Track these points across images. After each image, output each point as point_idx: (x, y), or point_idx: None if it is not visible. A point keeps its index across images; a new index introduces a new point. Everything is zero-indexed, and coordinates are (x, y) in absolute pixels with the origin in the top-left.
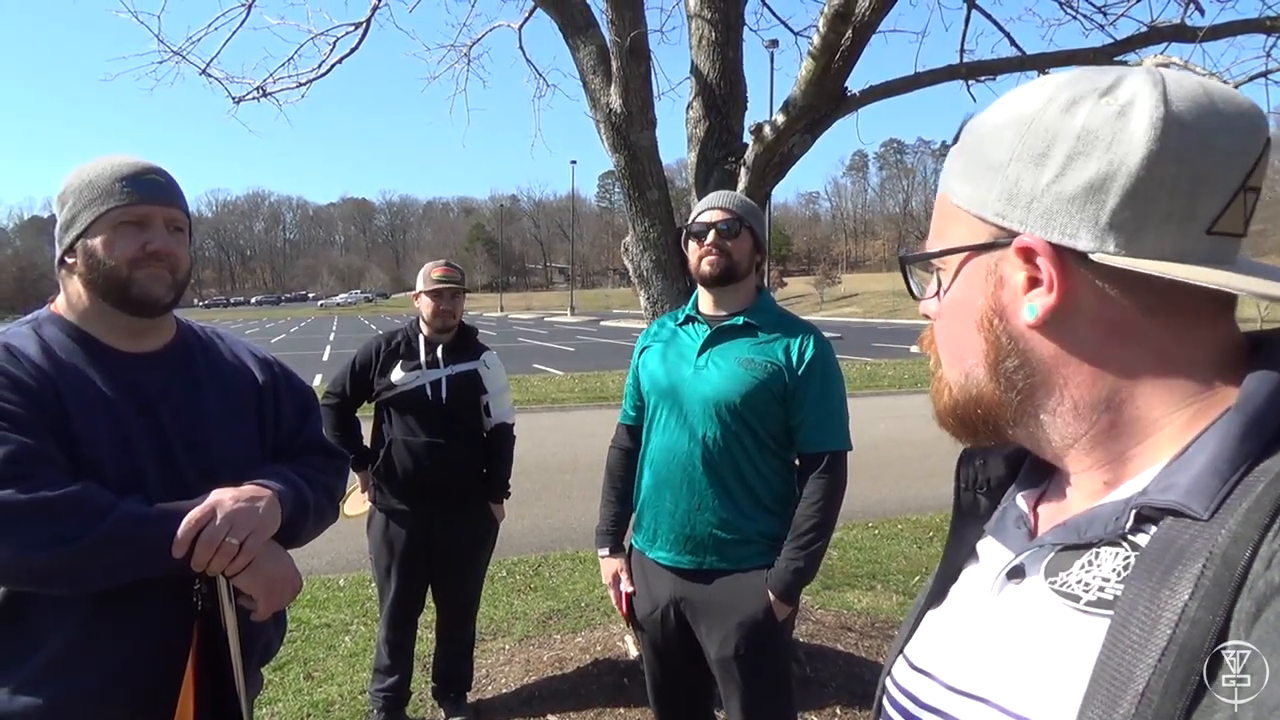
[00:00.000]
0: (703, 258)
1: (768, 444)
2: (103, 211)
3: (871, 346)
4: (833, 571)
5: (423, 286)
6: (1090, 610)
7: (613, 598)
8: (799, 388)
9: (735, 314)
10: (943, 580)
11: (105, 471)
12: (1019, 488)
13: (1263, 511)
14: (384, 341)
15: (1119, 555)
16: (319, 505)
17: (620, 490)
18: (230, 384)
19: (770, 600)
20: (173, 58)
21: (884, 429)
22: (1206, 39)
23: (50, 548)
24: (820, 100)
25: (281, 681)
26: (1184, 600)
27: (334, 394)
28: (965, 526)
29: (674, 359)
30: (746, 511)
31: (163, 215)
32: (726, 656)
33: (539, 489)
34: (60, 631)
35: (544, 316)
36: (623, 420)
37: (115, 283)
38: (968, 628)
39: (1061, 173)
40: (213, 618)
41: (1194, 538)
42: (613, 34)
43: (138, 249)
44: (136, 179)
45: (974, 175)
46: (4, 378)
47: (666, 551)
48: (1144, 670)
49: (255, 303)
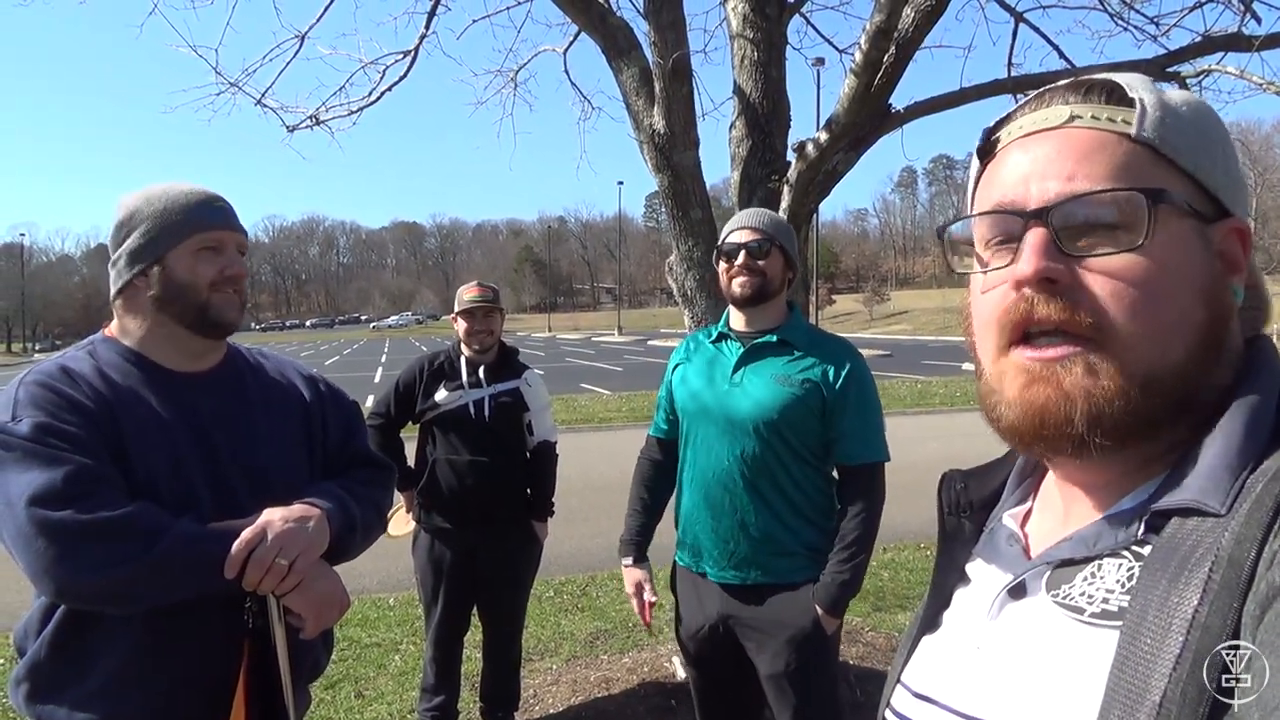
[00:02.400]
0: (733, 278)
1: (806, 458)
2: (185, 236)
3: (922, 364)
4: (884, 593)
5: (457, 308)
6: (1095, 622)
7: (634, 607)
8: (837, 402)
9: (768, 331)
10: (935, 606)
11: (160, 491)
12: (1004, 507)
13: (1264, 510)
14: (427, 362)
15: (1122, 566)
16: (366, 520)
17: (647, 501)
18: (279, 404)
19: (818, 614)
20: (229, 89)
21: (935, 448)
22: (1264, 48)
23: (108, 568)
24: (863, 117)
25: (333, 700)
26: (1194, 605)
27: (378, 415)
28: (952, 550)
29: (708, 377)
30: (789, 524)
31: (234, 240)
32: (778, 672)
33: (587, 508)
34: (117, 649)
35: (591, 336)
36: (653, 432)
37: (194, 305)
38: (969, 650)
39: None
40: (263, 636)
41: (1199, 541)
42: (655, 55)
43: (216, 273)
44: (209, 205)
45: (1192, 137)
46: (63, 399)
47: (712, 568)
48: (1159, 680)
49: (310, 325)
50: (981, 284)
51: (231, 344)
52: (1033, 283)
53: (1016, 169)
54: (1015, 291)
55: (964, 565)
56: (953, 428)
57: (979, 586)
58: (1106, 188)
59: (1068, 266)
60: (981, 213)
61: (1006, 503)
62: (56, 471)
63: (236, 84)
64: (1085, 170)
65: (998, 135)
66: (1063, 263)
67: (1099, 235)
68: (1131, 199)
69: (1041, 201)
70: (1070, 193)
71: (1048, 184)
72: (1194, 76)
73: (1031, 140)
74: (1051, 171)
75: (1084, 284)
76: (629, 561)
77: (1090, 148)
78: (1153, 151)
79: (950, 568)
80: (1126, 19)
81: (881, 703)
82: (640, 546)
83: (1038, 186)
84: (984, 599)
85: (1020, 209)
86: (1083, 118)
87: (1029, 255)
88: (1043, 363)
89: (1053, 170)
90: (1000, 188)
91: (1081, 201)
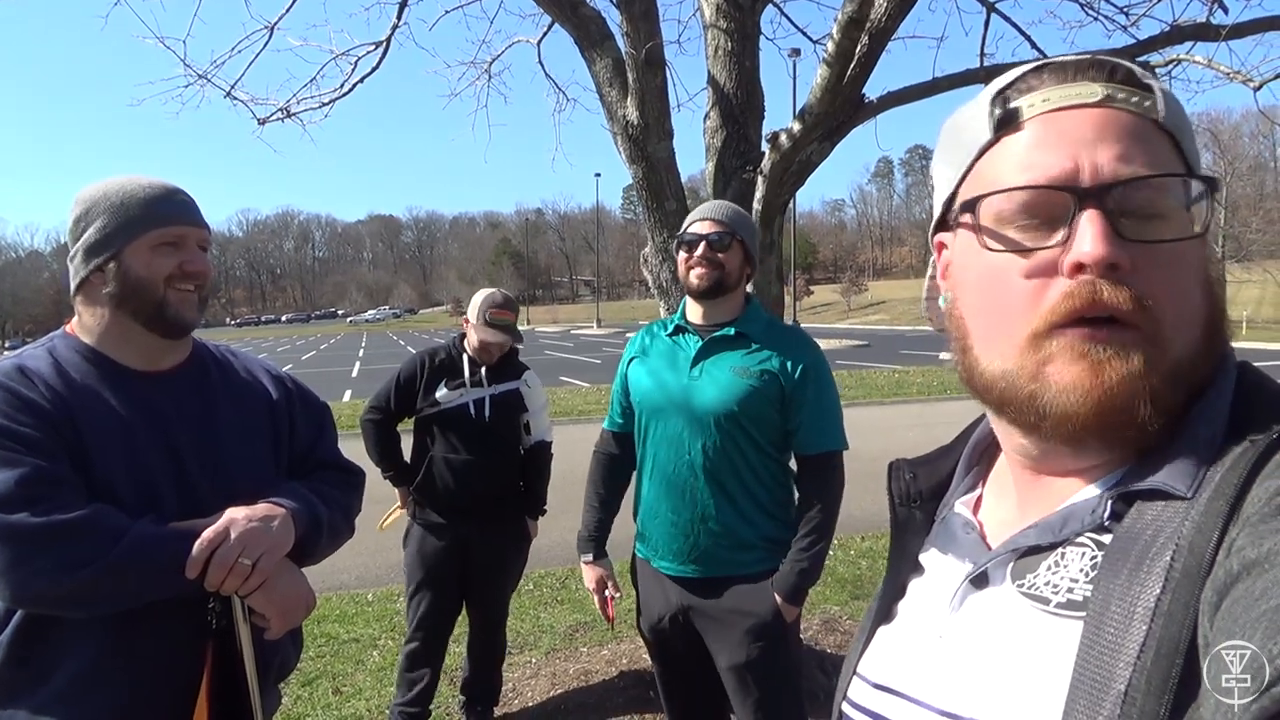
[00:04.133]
0: (691, 269)
1: (766, 450)
2: (141, 232)
3: (899, 354)
4: (861, 581)
5: (475, 319)
6: (1060, 613)
7: (596, 603)
8: (795, 392)
9: (726, 324)
10: (889, 597)
11: (120, 493)
12: (954, 495)
13: (1224, 499)
14: (427, 358)
15: (1085, 554)
16: (334, 523)
17: (604, 496)
18: (245, 402)
19: (777, 603)
20: (198, 81)
21: (913, 436)
22: (1231, 37)
23: (65, 572)
24: (837, 108)
25: (310, 696)
26: (1156, 594)
27: (378, 409)
28: (904, 540)
29: (666, 370)
30: (749, 517)
31: (194, 236)
32: (738, 663)
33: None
34: (78, 653)
35: (570, 329)
36: (608, 426)
37: (150, 302)
38: (931, 640)
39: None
40: (227, 637)
41: (1159, 530)
42: (628, 46)
43: (174, 269)
44: (169, 200)
45: (1189, 128)
46: (18, 400)
47: (671, 561)
48: (1124, 669)
49: (286, 320)
50: (1022, 267)
51: (198, 341)
52: (1100, 267)
53: (1059, 144)
54: (1071, 277)
55: (917, 555)
56: (930, 416)
57: (936, 576)
58: (1166, 172)
59: (1128, 251)
60: (1030, 186)
61: (956, 490)
62: (10, 474)
63: (205, 76)
64: (1139, 153)
65: (1016, 105)
66: (1125, 247)
67: (1150, 221)
68: (1190, 186)
69: (1094, 179)
70: (1130, 174)
71: (1101, 162)
72: (1163, 66)
73: (1068, 115)
74: (1104, 152)
75: (1142, 271)
76: (589, 558)
77: (1138, 131)
78: (1172, 140)
79: (903, 558)
80: (1097, 9)
81: (837, 694)
82: (599, 542)
83: (1088, 163)
84: (944, 589)
85: (1071, 184)
86: (1116, 99)
87: (1095, 238)
88: (1112, 347)
89: (1105, 151)
90: (1038, 164)
91: (1140, 185)
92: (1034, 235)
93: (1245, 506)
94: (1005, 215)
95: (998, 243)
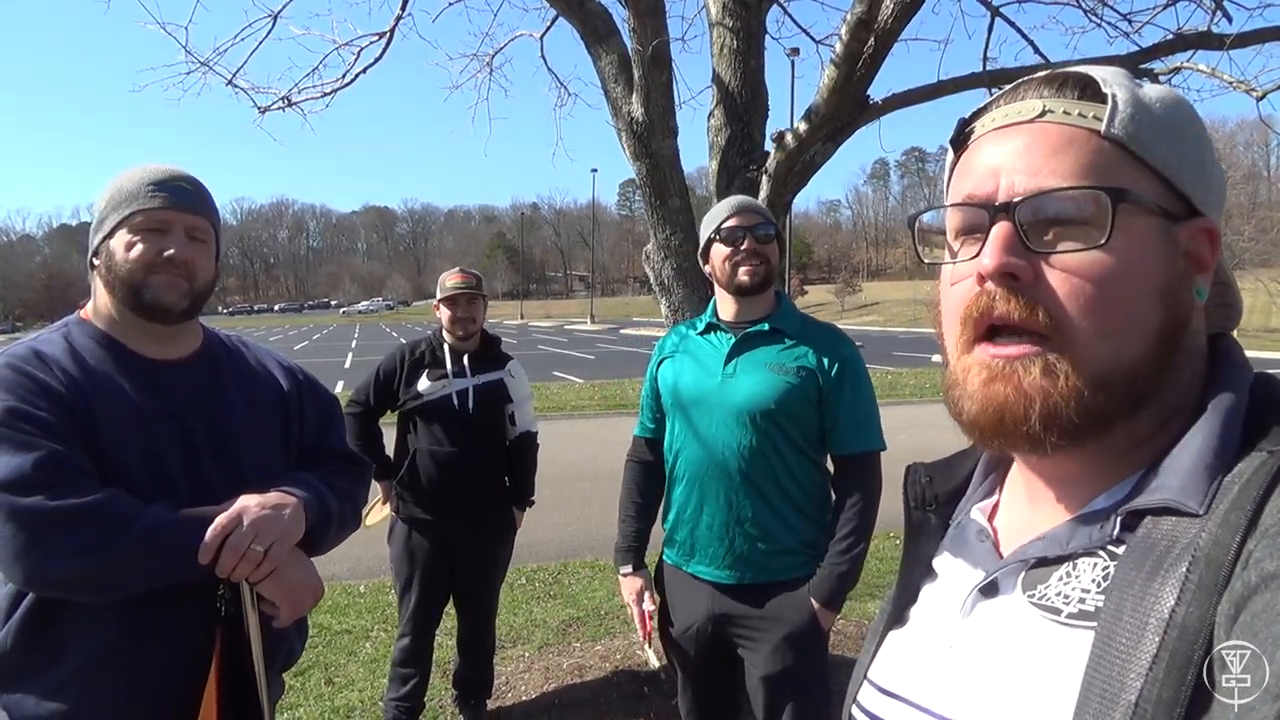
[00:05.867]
0: (740, 264)
1: (803, 449)
2: (126, 215)
3: (892, 355)
4: (862, 582)
5: (439, 295)
6: (1072, 623)
7: (635, 616)
8: (832, 390)
9: (759, 320)
10: (901, 601)
11: (133, 478)
12: (970, 501)
13: (1242, 512)
14: (407, 351)
15: (1097, 565)
16: (342, 513)
17: (641, 505)
18: (256, 392)
19: (815, 609)
20: (200, 68)
21: (905, 439)
22: (1234, 46)
23: (78, 555)
24: (842, 108)
25: (303, 687)
26: (1170, 605)
27: (358, 403)
28: (918, 545)
29: (698, 369)
30: (787, 519)
31: (184, 223)
32: (774, 673)
33: (559, 497)
34: (87, 638)
35: (564, 324)
36: (640, 433)
37: (130, 287)
38: (941, 649)
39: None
40: (236, 623)
41: (1174, 541)
42: (634, 42)
43: (154, 254)
44: (163, 185)
45: (1164, 135)
46: (34, 384)
47: (706, 566)
48: (1135, 680)
49: (279, 310)
50: (950, 275)
51: (210, 330)
52: (994, 276)
53: (987, 162)
54: (979, 285)
55: (931, 560)
56: (923, 419)
57: (948, 583)
58: (1072, 185)
59: (1030, 262)
60: (950, 204)
61: (973, 496)
62: (26, 457)
63: (207, 63)
64: (1052, 166)
65: (972, 126)
66: (1025, 258)
67: (1063, 232)
68: (1095, 197)
69: (1008, 195)
70: (1036, 188)
71: (1015, 178)
72: (1166, 74)
73: (1003, 134)
74: (1020, 166)
75: (1045, 281)
76: (628, 570)
77: (1059, 144)
78: (1122, 149)
79: (916, 563)
80: (1100, 15)
81: (847, 698)
82: (639, 553)
83: (1006, 180)
84: (955, 596)
85: (988, 202)
86: (1054, 113)
87: (992, 249)
88: (1004, 360)
89: (1021, 165)
90: (970, 180)
91: (1047, 198)
92: (971, 247)
93: (1263, 519)
94: (952, 228)
95: (942, 254)
